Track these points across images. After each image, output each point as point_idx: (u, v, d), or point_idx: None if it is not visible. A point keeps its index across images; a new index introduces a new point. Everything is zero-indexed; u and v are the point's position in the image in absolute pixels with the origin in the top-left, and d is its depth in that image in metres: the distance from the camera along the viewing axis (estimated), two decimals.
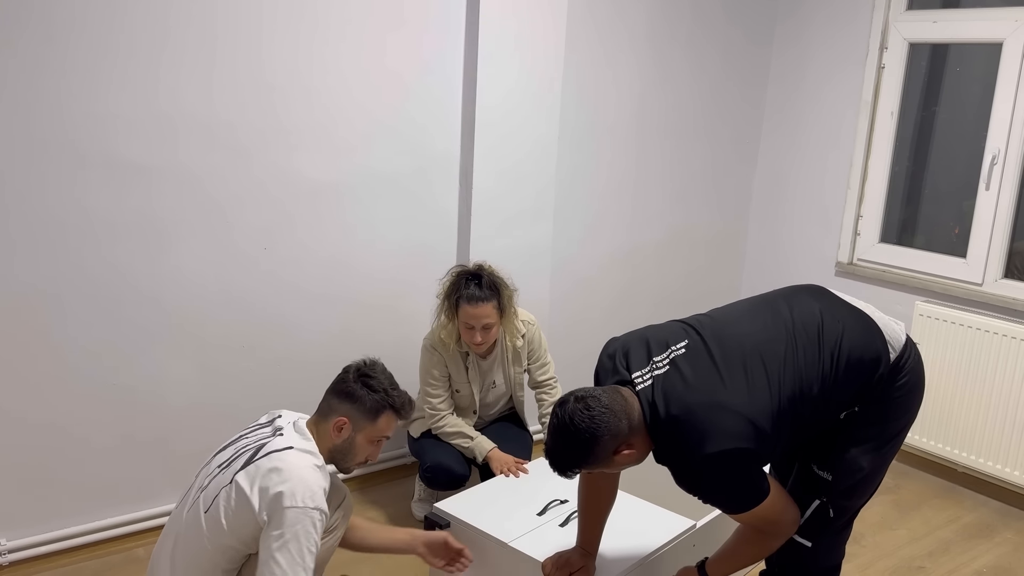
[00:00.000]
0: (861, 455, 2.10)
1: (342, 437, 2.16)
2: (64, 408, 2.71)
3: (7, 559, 2.69)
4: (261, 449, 2.08)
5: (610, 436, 1.90)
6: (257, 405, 3.01)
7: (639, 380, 1.99)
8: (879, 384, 2.07)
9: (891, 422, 2.12)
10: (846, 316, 2.10)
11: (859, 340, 2.06)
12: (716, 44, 4.12)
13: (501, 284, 2.92)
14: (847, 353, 2.03)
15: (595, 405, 1.90)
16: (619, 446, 1.93)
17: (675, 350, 2.03)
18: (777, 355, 2.00)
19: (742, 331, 2.06)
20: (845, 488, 2.13)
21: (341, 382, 2.19)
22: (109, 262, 2.69)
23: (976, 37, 3.66)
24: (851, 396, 2.07)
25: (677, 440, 1.93)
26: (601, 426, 1.88)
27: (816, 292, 2.21)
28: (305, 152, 3.00)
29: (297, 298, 3.10)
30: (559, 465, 1.97)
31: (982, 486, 3.64)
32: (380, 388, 2.17)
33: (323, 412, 2.19)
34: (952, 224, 3.92)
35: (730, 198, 4.45)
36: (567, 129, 3.64)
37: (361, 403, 2.16)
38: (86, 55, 2.52)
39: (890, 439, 2.13)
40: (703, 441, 1.88)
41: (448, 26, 3.22)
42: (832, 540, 2.23)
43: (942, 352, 3.66)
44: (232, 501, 2.02)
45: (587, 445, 1.90)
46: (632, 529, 2.51)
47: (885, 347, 2.07)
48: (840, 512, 2.16)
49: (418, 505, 3.23)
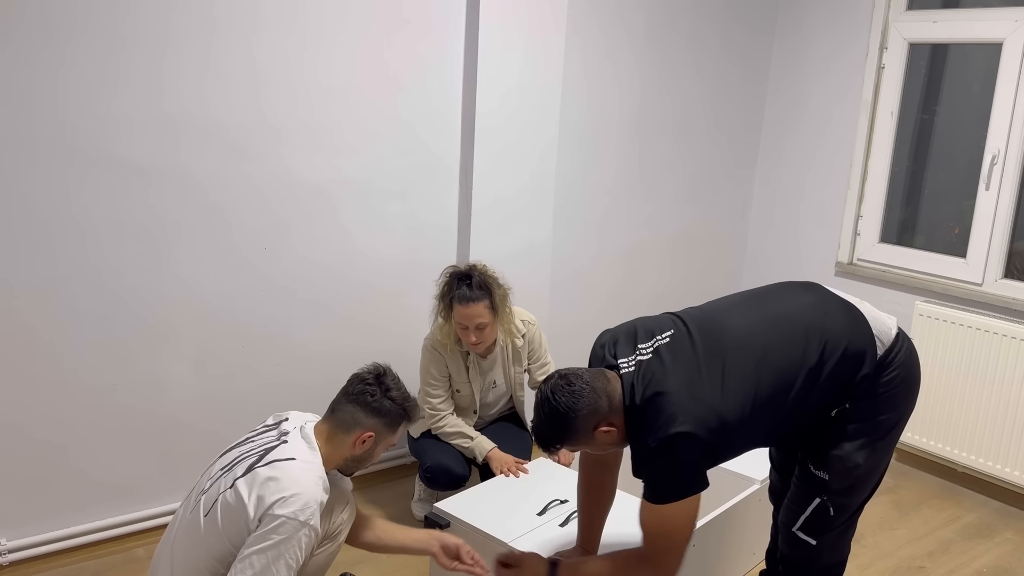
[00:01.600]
0: (855, 452, 2.09)
1: (364, 448, 2.14)
2: (64, 408, 2.71)
3: (7, 559, 2.69)
4: (265, 456, 2.06)
5: (589, 411, 1.95)
6: (257, 405, 3.02)
7: (624, 365, 2.03)
8: (867, 379, 2.06)
9: (883, 417, 2.10)
10: (833, 310, 2.11)
11: (845, 333, 2.06)
12: (716, 45, 4.12)
13: (493, 283, 2.91)
14: (832, 346, 2.04)
15: (576, 382, 1.97)
16: (599, 422, 1.98)
17: (660, 339, 2.06)
18: (757, 347, 2.02)
19: (727, 323, 2.09)
20: (843, 486, 2.13)
21: (369, 396, 2.13)
22: (109, 262, 2.69)
23: (976, 37, 3.66)
24: (839, 391, 2.07)
25: (645, 421, 1.96)
26: (580, 402, 1.94)
27: (808, 287, 2.23)
28: (306, 152, 3.00)
29: (297, 298, 3.10)
30: (541, 438, 2.03)
31: (982, 486, 3.64)
32: (400, 399, 2.16)
33: (344, 424, 2.13)
34: (952, 224, 3.92)
35: (730, 198, 4.45)
36: (567, 128, 3.64)
37: (387, 416, 2.14)
38: (86, 55, 2.52)
39: (884, 434, 2.12)
40: (667, 424, 1.91)
41: (448, 26, 3.22)
42: (836, 537, 2.24)
43: (942, 352, 3.66)
44: (230, 506, 2.00)
45: (567, 420, 1.95)
46: (632, 529, 2.51)
47: (872, 341, 2.07)
48: (840, 510, 2.16)
49: (418, 505, 3.24)
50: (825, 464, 2.12)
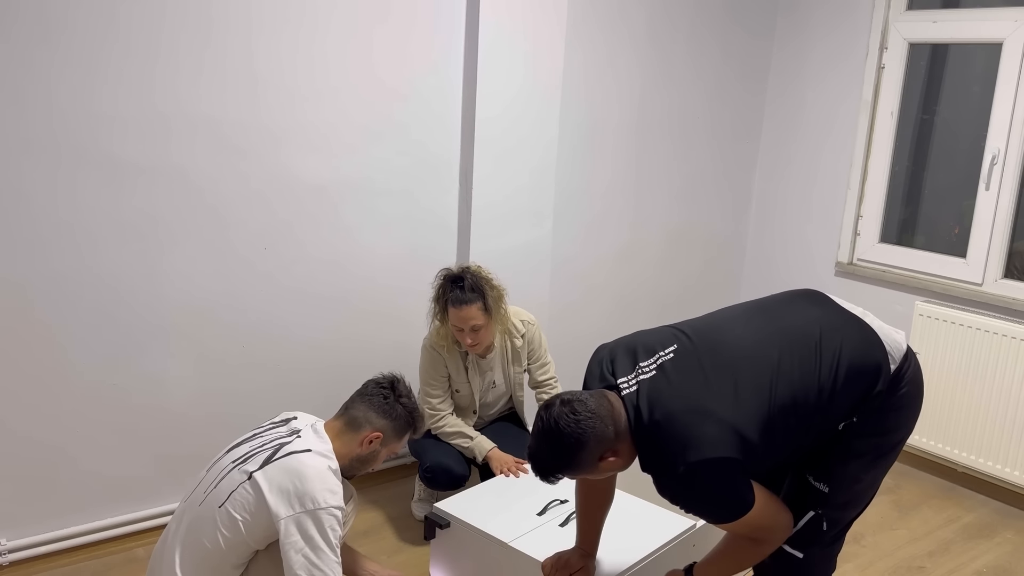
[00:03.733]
0: (860, 467, 2.04)
1: (370, 449, 2.23)
2: (63, 408, 2.71)
3: (7, 559, 2.69)
4: (280, 449, 2.12)
5: (596, 442, 1.86)
6: (257, 405, 3.02)
7: (624, 385, 1.94)
8: (879, 395, 1.99)
9: (890, 433, 2.05)
10: (845, 325, 2.03)
11: (859, 350, 1.99)
12: (716, 44, 4.12)
13: (486, 285, 2.90)
14: (847, 363, 1.96)
15: (581, 409, 1.85)
16: (604, 452, 1.89)
17: (663, 355, 1.96)
18: (771, 363, 1.93)
19: (734, 337, 2.00)
20: (842, 500, 2.07)
21: (382, 398, 2.25)
22: (108, 261, 2.69)
23: (976, 37, 3.66)
24: (850, 407, 2.00)
25: (659, 447, 1.87)
26: (587, 431, 1.84)
27: (815, 298, 2.14)
28: (305, 153, 3.00)
29: (296, 299, 3.10)
30: (542, 470, 1.93)
31: (982, 486, 3.64)
32: (410, 407, 2.28)
33: (354, 422, 2.23)
34: (952, 224, 3.92)
35: (730, 198, 4.45)
36: (567, 128, 3.64)
37: (397, 421, 2.25)
38: (80, 54, 2.52)
39: (888, 451, 2.07)
40: (685, 449, 1.82)
41: (448, 27, 3.22)
42: (824, 552, 2.14)
43: (942, 352, 3.66)
44: (248, 499, 2.06)
45: (572, 451, 1.86)
46: (632, 529, 2.51)
47: (885, 357, 2.00)
48: (833, 524, 2.09)
49: (418, 505, 3.24)
50: (827, 476, 2.04)
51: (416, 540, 3.03)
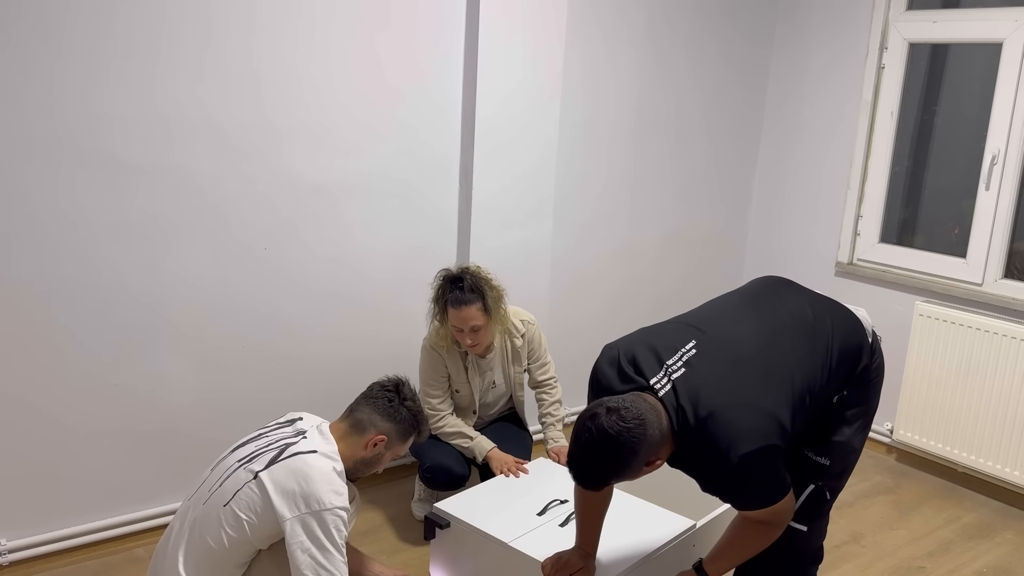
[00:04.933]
0: (853, 436, 2.19)
1: (374, 452, 2.24)
2: (64, 408, 2.71)
3: (7, 559, 2.69)
4: (286, 450, 2.13)
5: (647, 447, 1.85)
6: (257, 405, 3.02)
7: (658, 386, 1.94)
8: (865, 368, 2.18)
9: (872, 401, 2.24)
10: (829, 308, 2.20)
11: (846, 329, 2.16)
12: (716, 44, 4.12)
13: (485, 285, 2.91)
14: (839, 343, 2.12)
15: (629, 416, 1.83)
16: (652, 456, 1.89)
17: (686, 352, 1.99)
18: (784, 351, 2.04)
19: (747, 328, 2.09)
20: (839, 470, 2.21)
21: (387, 401, 2.26)
22: (110, 262, 2.70)
23: (976, 37, 3.66)
24: (841, 381, 2.16)
25: (707, 443, 1.89)
26: (639, 438, 1.83)
27: (789, 284, 2.30)
28: (306, 153, 3.00)
29: (297, 299, 3.10)
30: (592, 480, 1.90)
31: (982, 486, 3.64)
32: (415, 410, 2.30)
33: (359, 424, 2.24)
34: (952, 224, 3.92)
35: (730, 198, 4.45)
36: (567, 128, 3.64)
37: (401, 424, 2.26)
38: (82, 55, 2.52)
39: (871, 419, 2.26)
40: (735, 442, 1.86)
41: (448, 27, 3.22)
42: (822, 522, 2.31)
43: (942, 352, 3.66)
44: (254, 499, 2.07)
45: (626, 458, 1.83)
46: (632, 529, 2.51)
47: (864, 334, 2.19)
48: (834, 493, 2.23)
49: (418, 505, 3.24)
50: (827, 449, 2.17)
51: (416, 540, 3.03)
